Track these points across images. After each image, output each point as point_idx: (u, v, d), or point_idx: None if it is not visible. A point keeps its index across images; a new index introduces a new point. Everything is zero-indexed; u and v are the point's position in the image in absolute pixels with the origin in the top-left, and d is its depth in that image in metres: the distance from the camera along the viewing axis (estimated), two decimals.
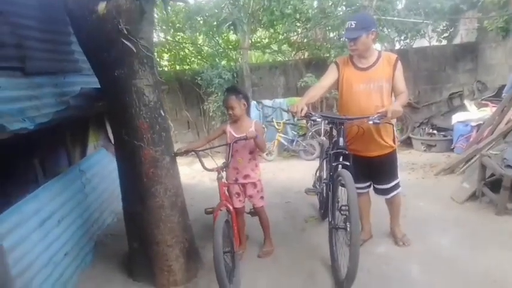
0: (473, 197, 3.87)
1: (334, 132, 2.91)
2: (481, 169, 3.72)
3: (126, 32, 2.55)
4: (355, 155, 2.92)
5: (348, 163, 2.79)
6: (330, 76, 2.99)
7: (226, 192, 3.05)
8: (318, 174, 3.89)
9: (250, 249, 3.33)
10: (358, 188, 3.04)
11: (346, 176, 2.60)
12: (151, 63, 2.78)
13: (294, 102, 6.79)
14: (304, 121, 6.32)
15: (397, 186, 3.10)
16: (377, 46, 3.34)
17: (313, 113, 2.85)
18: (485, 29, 6.40)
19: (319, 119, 2.92)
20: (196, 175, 5.79)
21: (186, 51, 7.37)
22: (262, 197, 3.28)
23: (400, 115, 2.62)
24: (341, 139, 2.80)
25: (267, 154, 6.65)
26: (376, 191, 3.17)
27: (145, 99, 2.72)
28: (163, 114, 2.89)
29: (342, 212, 2.72)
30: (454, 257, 2.91)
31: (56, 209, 2.93)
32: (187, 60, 7.42)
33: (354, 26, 2.73)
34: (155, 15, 6.45)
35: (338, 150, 2.80)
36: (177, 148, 3.04)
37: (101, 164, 4.07)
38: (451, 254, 2.96)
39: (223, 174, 2.97)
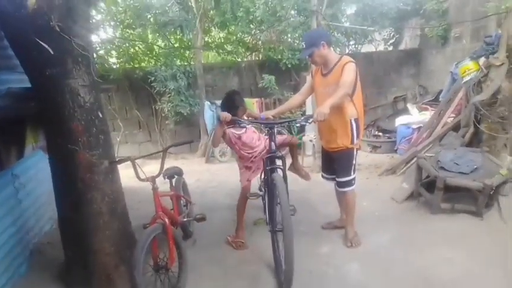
0: (411, 197, 4.08)
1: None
2: (417, 170, 3.94)
3: (58, 29, 2.42)
4: (323, 147, 3.39)
5: (280, 166, 2.98)
6: (307, 83, 3.38)
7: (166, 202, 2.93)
8: (262, 178, 3.92)
9: (197, 253, 3.28)
10: (330, 179, 3.42)
11: (277, 178, 2.77)
12: (87, 63, 2.65)
13: (248, 104, 6.86)
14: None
15: (349, 183, 3.20)
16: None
17: (240, 120, 3.05)
18: (426, 36, 6.80)
19: (248, 125, 3.11)
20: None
21: (136, 48, 7.12)
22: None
23: (325, 117, 2.68)
24: (272, 143, 2.98)
25: (220, 155, 6.62)
26: (336, 183, 3.31)
27: (80, 100, 2.59)
28: (101, 116, 2.77)
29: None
30: (391, 257, 3.04)
31: None
32: (138, 58, 7.17)
33: (304, 46, 3.13)
34: (102, 10, 6.19)
35: (270, 154, 2.98)
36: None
37: (38, 167, 3.82)
38: (388, 254, 3.09)
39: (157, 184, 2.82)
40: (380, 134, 6.73)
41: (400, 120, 6.21)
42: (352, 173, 3.18)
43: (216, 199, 4.70)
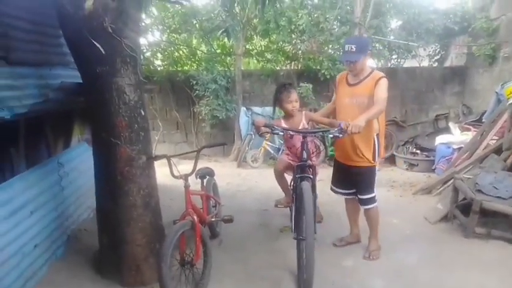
0: (446, 218, 3.94)
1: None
2: (454, 192, 3.80)
3: (110, 30, 2.61)
4: (339, 161, 3.27)
5: (310, 176, 2.92)
6: (335, 95, 3.35)
7: (196, 201, 3.03)
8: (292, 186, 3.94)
9: (222, 253, 3.35)
10: (343, 194, 3.39)
11: (305, 188, 2.73)
12: (134, 63, 2.82)
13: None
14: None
15: (372, 200, 3.18)
16: (370, 62, 3.48)
17: (275, 127, 2.99)
18: (473, 55, 6.56)
19: (282, 133, 3.02)
20: (171, 179, 5.81)
21: (181, 52, 7.42)
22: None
23: (360, 130, 2.67)
24: (304, 152, 2.94)
25: (252, 161, 6.70)
26: (358, 199, 3.27)
27: (125, 98, 2.75)
28: (143, 113, 2.92)
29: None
30: (417, 277, 2.95)
31: (29, 200, 2.94)
32: (181, 62, 7.46)
33: (354, 49, 2.92)
34: (152, 15, 6.52)
35: (300, 163, 2.95)
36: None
37: (81, 158, 4.07)
38: (415, 273, 3.00)
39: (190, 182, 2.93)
40: (418, 151, 6.54)
41: (440, 139, 6.01)
42: (374, 189, 3.19)
43: (244, 203, 4.77)
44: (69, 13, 2.61)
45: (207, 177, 3.58)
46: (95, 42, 2.51)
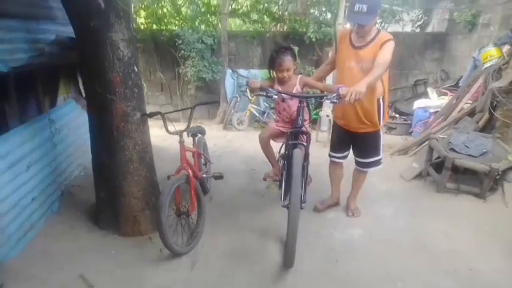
0: (420, 176, 4.25)
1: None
2: (428, 151, 4.09)
3: None
4: (341, 126, 3.16)
5: (303, 143, 2.79)
6: (333, 54, 3.11)
7: (188, 157, 3.07)
8: (281, 152, 3.64)
9: (213, 208, 3.54)
10: (333, 157, 3.36)
11: (296, 155, 2.61)
12: (127, 18, 2.82)
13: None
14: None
15: (376, 163, 3.18)
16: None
17: (269, 89, 2.79)
18: (454, 21, 6.72)
19: (276, 96, 2.83)
20: (168, 138, 5.76)
21: (165, 10, 7.23)
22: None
23: (360, 97, 2.46)
24: (299, 117, 2.82)
25: (238, 123, 6.82)
26: (356, 162, 3.28)
27: (119, 53, 2.77)
28: (136, 70, 2.96)
29: None
30: (393, 226, 3.26)
31: (25, 155, 3.00)
32: (165, 20, 7.28)
33: (365, 10, 2.60)
34: None
35: (294, 129, 2.83)
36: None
37: (70, 116, 4.09)
38: (391, 223, 3.32)
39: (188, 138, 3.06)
40: (397, 115, 6.80)
41: (418, 103, 6.27)
42: (381, 152, 3.16)
43: (231, 163, 4.93)
44: None
45: (198, 135, 3.69)
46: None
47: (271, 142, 3.44)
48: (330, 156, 3.41)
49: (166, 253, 2.77)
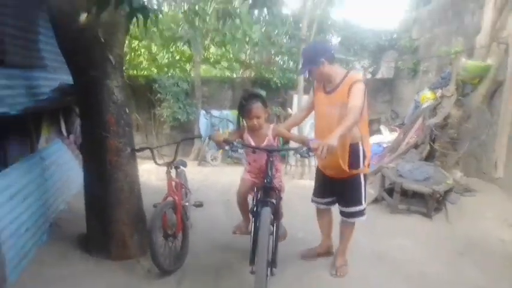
0: (376, 200, 4.84)
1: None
2: (381, 178, 4.71)
3: (103, 40, 3.08)
4: (321, 170, 3.04)
5: (273, 200, 2.63)
6: (309, 99, 3.07)
7: (174, 187, 3.38)
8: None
9: (193, 234, 3.88)
10: (320, 204, 3.18)
11: (263, 215, 2.48)
12: (120, 67, 3.31)
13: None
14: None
15: (359, 213, 2.98)
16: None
17: (234, 143, 2.72)
18: (399, 68, 7.75)
19: (241, 149, 2.78)
20: (144, 174, 6.19)
21: (141, 58, 7.81)
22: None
23: (333, 151, 2.38)
24: (269, 172, 2.64)
25: (212, 159, 7.26)
26: (340, 211, 3.10)
27: (114, 98, 3.21)
28: (127, 111, 3.41)
29: None
30: (356, 242, 3.66)
31: (22, 188, 3.28)
32: (141, 67, 7.85)
33: (302, 62, 2.85)
34: None
35: (263, 185, 2.68)
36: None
37: (57, 154, 4.41)
38: (354, 240, 3.72)
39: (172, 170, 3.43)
40: None
41: (373, 140, 7.03)
42: (363, 201, 2.96)
43: (209, 194, 5.33)
44: (65, 25, 3.05)
45: (180, 167, 4.10)
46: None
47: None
48: (312, 201, 3.25)
49: (155, 273, 3.07)
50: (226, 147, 2.69)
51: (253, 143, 2.83)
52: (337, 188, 2.99)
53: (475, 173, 5.19)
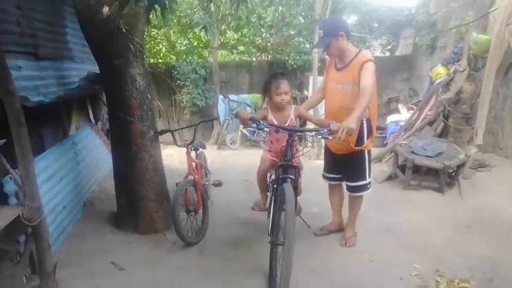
0: (390, 177, 4.97)
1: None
2: (394, 155, 4.82)
3: (125, 30, 3.32)
4: (329, 148, 3.17)
5: (293, 176, 2.72)
6: (324, 79, 3.18)
7: (194, 167, 3.67)
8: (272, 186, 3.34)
9: (214, 210, 4.17)
10: (329, 179, 3.33)
11: (287, 192, 2.53)
12: (142, 56, 3.56)
13: (257, 99, 7.77)
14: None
15: (364, 187, 3.10)
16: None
17: (260, 121, 2.74)
18: (418, 44, 7.66)
19: (267, 128, 2.81)
20: (167, 158, 6.54)
21: (161, 46, 8.06)
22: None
23: (352, 133, 2.51)
24: (289, 151, 2.75)
25: (231, 143, 7.52)
26: (346, 186, 3.25)
27: (136, 84, 3.48)
28: (149, 97, 3.67)
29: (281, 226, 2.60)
30: (365, 215, 3.86)
31: (58, 169, 3.63)
32: (161, 54, 8.11)
33: (322, 34, 2.89)
34: None
35: (284, 163, 2.77)
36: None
37: (88, 139, 4.76)
38: (364, 213, 3.92)
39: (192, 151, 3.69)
40: None
41: (390, 118, 7.09)
42: (367, 176, 3.07)
43: (227, 175, 5.59)
44: (89, 18, 3.30)
45: (200, 149, 4.36)
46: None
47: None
48: (323, 177, 3.41)
49: (179, 245, 3.38)
50: (253, 125, 2.76)
51: (276, 123, 2.93)
52: (343, 164, 3.12)
53: (492, 148, 5.21)
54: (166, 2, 2.83)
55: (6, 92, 2.13)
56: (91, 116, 5.47)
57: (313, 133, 2.72)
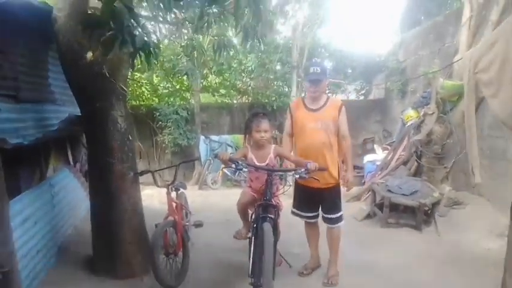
0: (368, 216, 5.05)
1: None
2: (372, 194, 4.94)
3: (108, 75, 3.41)
4: (304, 185, 3.20)
5: (272, 216, 2.79)
6: (289, 122, 3.40)
7: (174, 208, 3.65)
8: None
9: (194, 252, 4.09)
10: (306, 217, 3.43)
11: (266, 229, 2.63)
12: (124, 99, 3.64)
13: (238, 139, 7.90)
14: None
15: (340, 218, 3.30)
16: None
17: (239, 162, 2.85)
18: (389, 89, 8.11)
19: (246, 169, 2.90)
20: (146, 198, 6.44)
21: (143, 89, 8.22)
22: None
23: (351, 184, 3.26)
24: (268, 190, 2.82)
25: (212, 183, 7.51)
26: (324, 219, 3.35)
27: (118, 126, 3.52)
28: (130, 138, 3.71)
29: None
30: (345, 251, 3.84)
31: (33, 212, 3.53)
32: (143, 97, 8.25)
33: (319, 71, 3.15)
34: None
35: (263, 202, 2.83)
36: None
37: (65, 181, 4.68)
38: (344, 250, 3.92)
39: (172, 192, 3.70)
40: None
41: (367, 158, 7.31)
42: (341, 208, 3.33)
43: (209, 215, 5.52)
44: (73, 62, 3.38)
45: (181, 189, 4.36)
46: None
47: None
48: (293, 213, 3.49)
49: None
50: (232, 166, 2.87)
51: (256, 162, 3.03)
52: (320, 198, 3.28)
53: (465, 187, 5.40)
54: (152, 48, 2.95)
55: None
56: (70, 158, 5.42)
57: (292, 173, 2.83)
